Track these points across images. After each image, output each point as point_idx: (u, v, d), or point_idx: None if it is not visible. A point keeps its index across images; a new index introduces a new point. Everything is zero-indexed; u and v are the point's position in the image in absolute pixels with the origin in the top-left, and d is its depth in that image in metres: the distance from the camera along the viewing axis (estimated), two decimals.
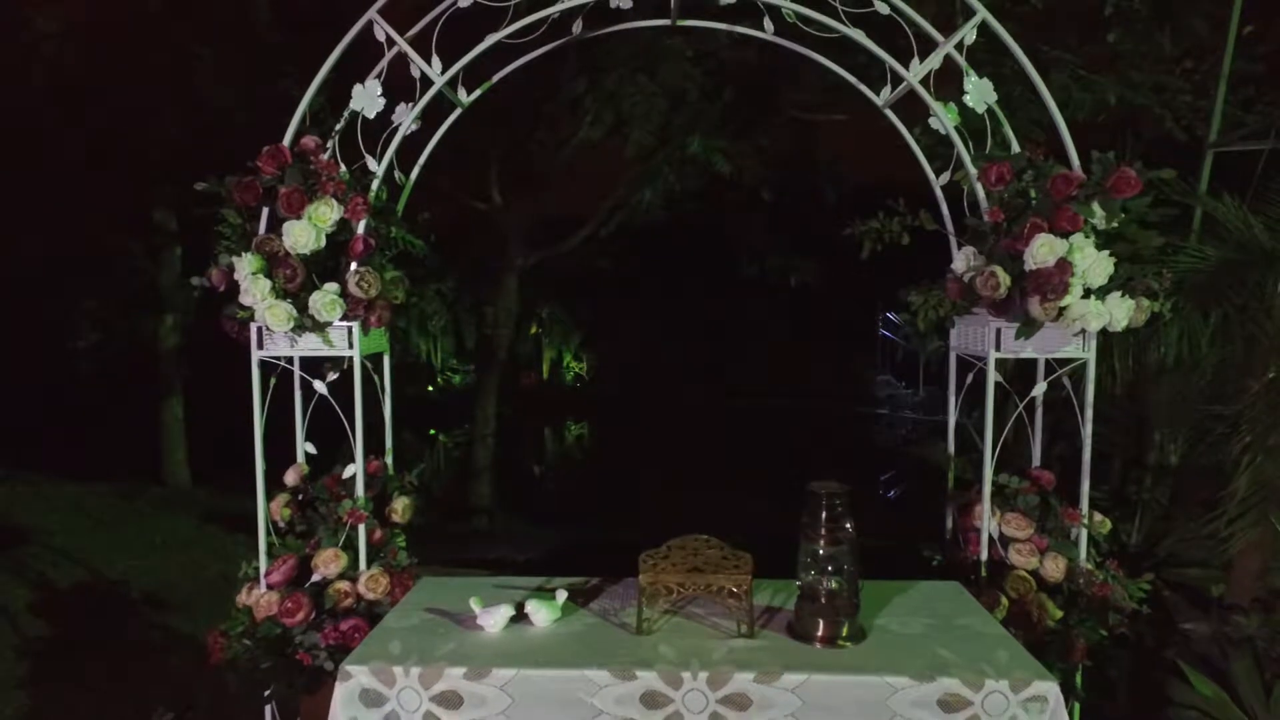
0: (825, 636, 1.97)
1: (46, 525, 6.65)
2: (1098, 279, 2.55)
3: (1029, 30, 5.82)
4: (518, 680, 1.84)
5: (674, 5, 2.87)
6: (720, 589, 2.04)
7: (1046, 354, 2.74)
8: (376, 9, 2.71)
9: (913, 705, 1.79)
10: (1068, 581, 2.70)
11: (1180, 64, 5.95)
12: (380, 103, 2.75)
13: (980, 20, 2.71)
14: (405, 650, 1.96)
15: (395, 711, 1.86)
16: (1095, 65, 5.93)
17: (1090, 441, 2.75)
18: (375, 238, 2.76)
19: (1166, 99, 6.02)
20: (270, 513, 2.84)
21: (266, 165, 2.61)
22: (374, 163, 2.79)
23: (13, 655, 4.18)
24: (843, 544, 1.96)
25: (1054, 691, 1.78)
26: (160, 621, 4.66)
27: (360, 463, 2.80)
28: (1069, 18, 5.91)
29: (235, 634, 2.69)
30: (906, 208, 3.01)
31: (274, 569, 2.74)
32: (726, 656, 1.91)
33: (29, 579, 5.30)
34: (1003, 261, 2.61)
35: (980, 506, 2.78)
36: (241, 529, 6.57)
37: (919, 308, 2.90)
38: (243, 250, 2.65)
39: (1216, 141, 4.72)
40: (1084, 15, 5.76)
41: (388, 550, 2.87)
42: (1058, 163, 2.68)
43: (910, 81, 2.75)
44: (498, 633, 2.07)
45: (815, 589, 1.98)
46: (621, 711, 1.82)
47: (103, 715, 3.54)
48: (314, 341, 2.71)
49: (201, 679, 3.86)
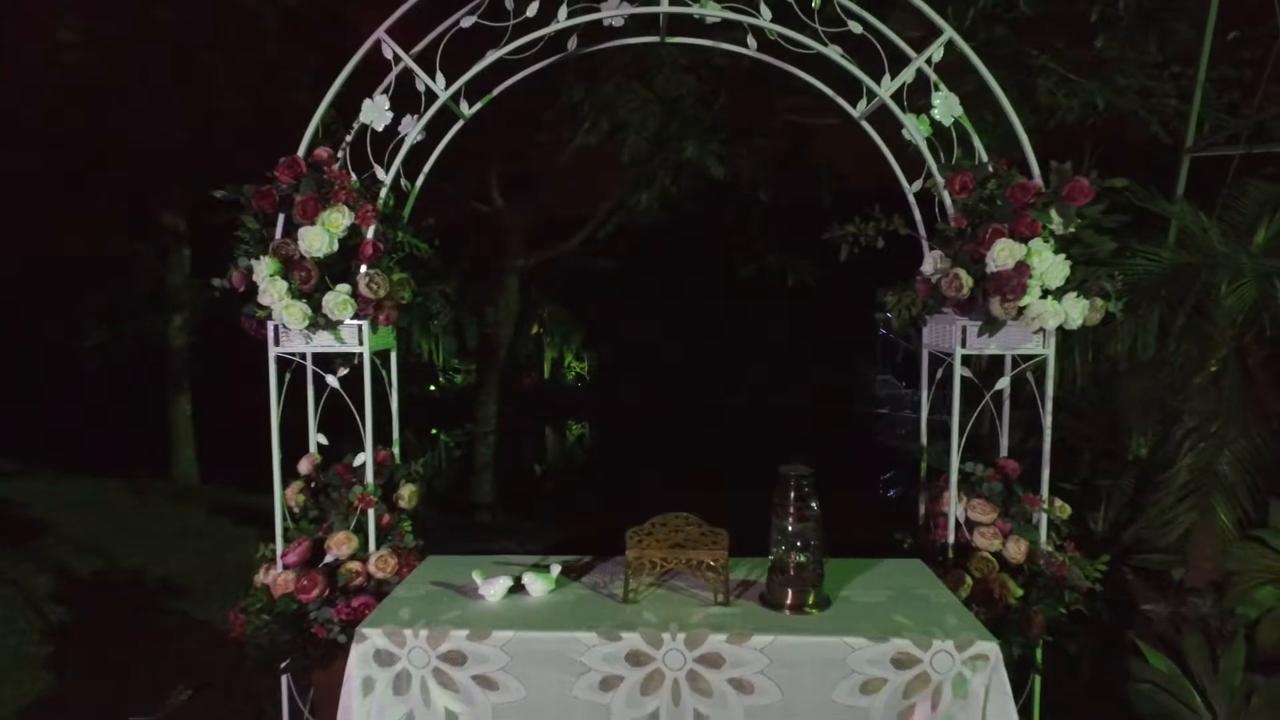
0: (793, 604, 2.17)
1: (63, 518, 6.86)
2: (1055, 280, 2.74)
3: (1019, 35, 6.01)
4: (515, 641, 2.05)
5: (662, 24, 3.07)
6: (700, 563, 2.25)
7: (1009, 350, 2.94)
8: (384, 29, 2.92)
9: (868, 663, 1.99)
10: (1028, 562, 2.89)
11: (1168, 68, 6.13)
12: (388, 116, 2.96)
13: (948, 39, 2.92)
14: (414, 616, 2.18)
15: (406, 669, 2.07)
16: (1083, 70, 6.11)
17: (1050, 432, 2.94)
18: (383, 242, 2.96)
19: (1153, 103, 6.20)
20: (285, 499, 3.05)
21: (283, 175, 2.82)
22: (382, 172, 3.00)
23: (37, 638, 4.39)
24: (809, 521, 2.16)
25: (995, 651, 1.98)
26: (176, 607, 4.87)
27: (370, 451, 3.01)
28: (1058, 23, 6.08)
29: (255, 610, 2.89)
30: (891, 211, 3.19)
31: (290, 550, 2.95)
32: (703, 621, 2.11)
33: (49, 567, 5.51)
34: (966, 264, 2.81)
35: (948, 493, 2.99)
36: (251, 522, 6.81)
37: (893, 307, 3.10)
38: (261, 254, 2.85)
39: (1192, 147, 4.89)
40: (1072, 21, 5.94)
41: (395, 533, 3.07)
42: (1020, 172, 2.88)
43: (882, 96, 2.96)
44: (497, 601, 2.28)
45: (784, 562, 2.19)
46: (608, 668, 2.03)
47: (125, 693, 3.73)
48: (327, 339, 2.92)
49: (217, 659, 4.09)
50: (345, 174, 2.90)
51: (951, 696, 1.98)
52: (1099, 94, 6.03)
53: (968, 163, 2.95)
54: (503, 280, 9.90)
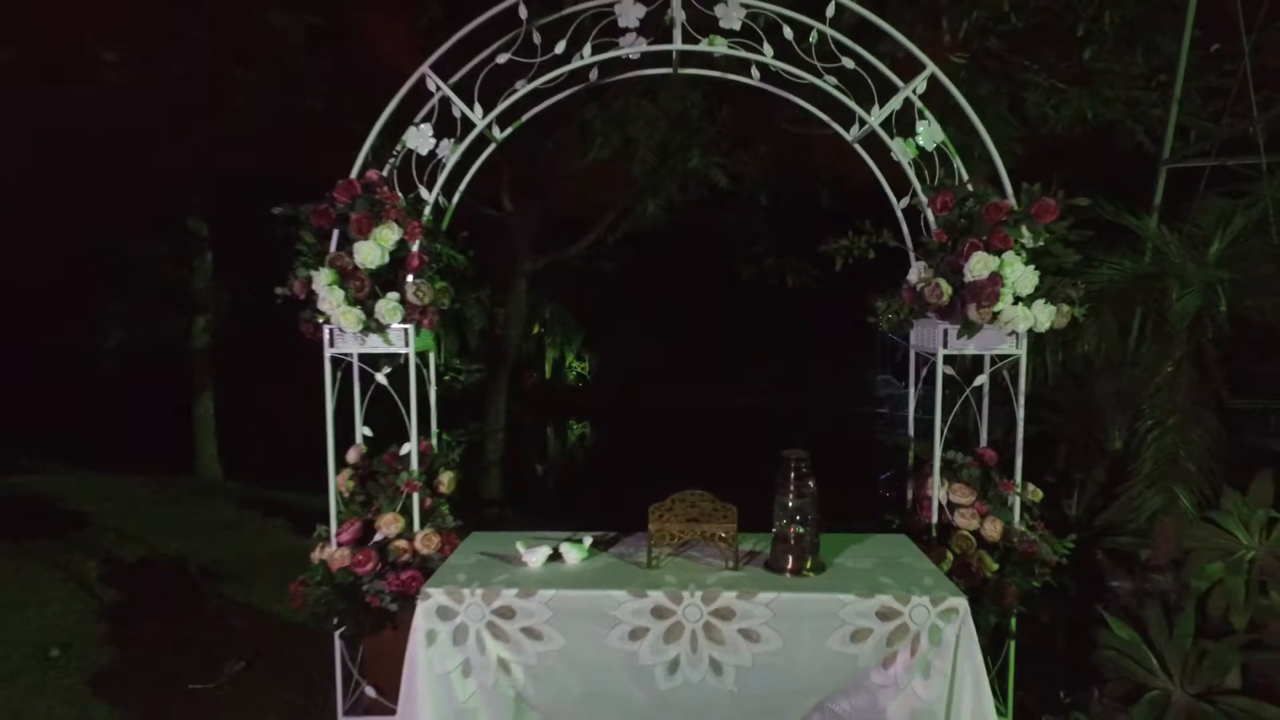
0: (793, 568, 2.53)
1: (100, 510, 7.22)
2: (1025, 289, 3.09)
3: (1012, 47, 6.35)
4: (557, 598, 2.41)
5: (675, 59, 3.42)
6: (713, 534, 2.60)
7: (986, 350, 3.29)
8: (429, 65, 3.28)
9: (857, 616, 2.35)
10: (1003, 540, 3.25)
11: (1155, 79, 6.45)
12: (431, 142, 3.32)
13: (929, 73, 3.27)
14: (469, 578, 2.53)
15: (463, 623, 2.43)
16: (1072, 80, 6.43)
17: (1024, 423, 3.30)
18: (427, 254, 3.32)
19: (1139, 113, 6.53)
20: (338, 485, 3.40)
21: (341, 195, 3.17)
22: (426, 192, 3.35)
23: (93, 617, 4.74)
24: (806, 497, 2.52)
25: (963, 605, 2.34)
26: (219, 591, 5.21)
27: (414, 441, 3.36)
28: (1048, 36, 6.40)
29: (314, 583, 3.24)
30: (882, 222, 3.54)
31: (343, 530, 3.30)
32: (717, 581, 2.48)
33: (96, 554, 5.87)
34: (946, 274, 3.17)
35: (933, 478, 3.34)
36: (278, 514, 7.16)
37: (882, 312, 3.45)
38: (318, 265, 3.21)
39: (1169, 159, 5.22)
40: (1061, 34, 6.27)
41: (436, 515, 3.43)
42: (995, 192, 3.23)
43: (872, 124, 3.31)
44: (539, 567, 2.64)
45: (785, 532, 2.55)
46: (636, 621, 2.39)
47: (182, 665, 4.07)
48: (376, 341, 3.27)
49: (263, 636, 4.44)
50: (395, 194, 3.26)
51: (928, 644, 2.34)
52: (1088, 105, 6.38)
53: (949, 183, 3.30)
54: (512, 282, 10.22)
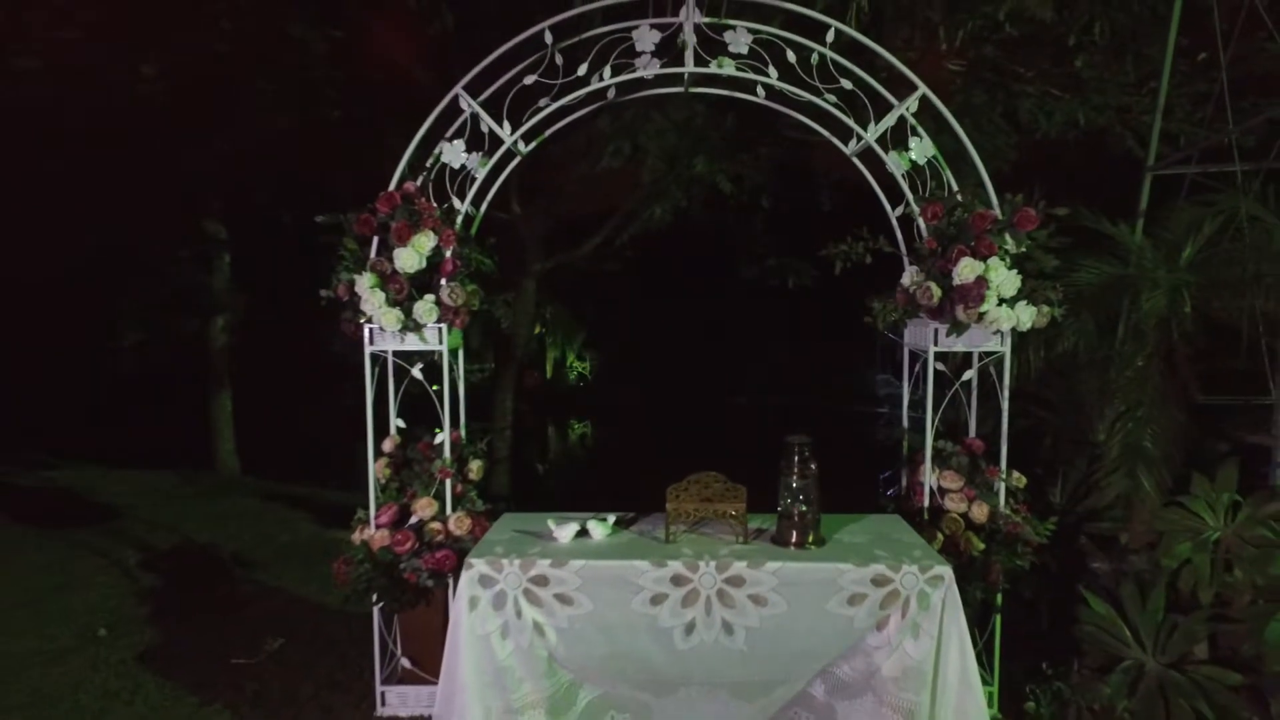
0: (797, 542, 2.83)
1: (129, 502, 7.52)
2: (1008, 291, 3.38)
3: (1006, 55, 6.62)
4: (587, 568, 2.71)
5: (686, 79, 3.71)
6: (724, 513, 2.89)
7: (974, 348, 3.58)
8: (462, 85, 3.57)
9: (854, 582, 2.65)
10: (989, 522, 3.54)
11: (1145, 86, 6.73)
12: (463, 157, 3.61)
13: (921, 94, 3.56)
14: (507, 550, 2.83)
15: (503, 590, 2.72)
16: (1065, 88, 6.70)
17: (1008, 414, 3.58)
18: (459, 259, 3.61)
19: (1130, 119, 6.81)
20: (375, 471, 3.69)
21: (382, 205, 3.46)
22: (459, 202, 3.64)
23: (135, 600, 5.02)
24: (808, 478, 2.82)
25: (948, 572, 2.64)
26: (250, 577, 5.50)
27: (447, 431, 3.65)
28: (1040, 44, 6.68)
29: (356, 561, 3.53)
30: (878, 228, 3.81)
31: (381, 513, 3.59)
32: (729, 553, 2.77)
33: (131, 543, 6.16)
34: (936, 278, 3.45)
35: (925, 466, 3.63)
36: (299, 507, 7.45)
37: (877, 312, 3.74)
38: (360, 269, 3.50)
39: (1153, 165, 5.50)
40: (1053, 43, 6.55)
41: (466, 499, 3.72)
42: (981, 202, 3.52)
43: (868, 140, 3.60)
44: (568, 542, 2.93)
45: (790, 510, 2.84)
46: (657, 588, 2.69)
47: (223, 643, 4.35)
48: (413, 339, 3.56)
49: (297, 617, 4.72)
50: (431, 204, 3.54)
51: (917, 608, 2.63)
52: (1079, 111, 6.66)
53: (939, 194, 3.59)
54: (521, 283, 10.48)
